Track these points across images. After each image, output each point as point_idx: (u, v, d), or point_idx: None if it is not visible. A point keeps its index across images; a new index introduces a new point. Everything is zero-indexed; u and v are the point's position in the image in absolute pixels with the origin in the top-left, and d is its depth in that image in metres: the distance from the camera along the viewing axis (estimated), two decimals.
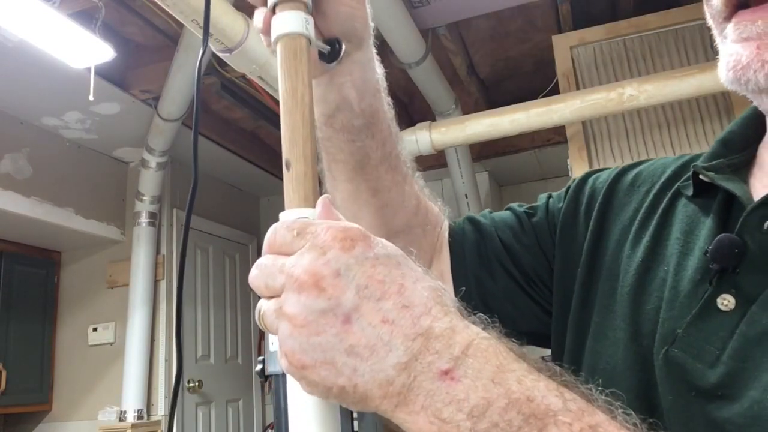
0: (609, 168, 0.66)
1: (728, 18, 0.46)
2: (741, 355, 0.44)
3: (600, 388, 0.37)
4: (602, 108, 2.44)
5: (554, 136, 3.77)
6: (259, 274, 0.41)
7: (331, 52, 0.55)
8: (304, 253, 0.38)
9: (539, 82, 3.21)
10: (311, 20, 0.50)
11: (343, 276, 0.37)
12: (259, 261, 0.41)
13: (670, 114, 2.59)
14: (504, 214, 0.70)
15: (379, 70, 0.63)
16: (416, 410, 0.35)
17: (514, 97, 2.88)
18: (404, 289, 0.37)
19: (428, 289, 0.38)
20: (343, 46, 0.55)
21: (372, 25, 0.59)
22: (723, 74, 0.46)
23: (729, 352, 0.44)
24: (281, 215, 0.45)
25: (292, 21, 0.49)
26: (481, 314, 0.41)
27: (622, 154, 2.60)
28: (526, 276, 0.65)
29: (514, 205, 0.71)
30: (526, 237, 0.66)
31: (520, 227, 0.67)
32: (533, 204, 0.70)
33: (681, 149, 2.53)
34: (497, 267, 0.66)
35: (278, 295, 0.39)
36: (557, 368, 0.38)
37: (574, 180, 0.68)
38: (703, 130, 2.53)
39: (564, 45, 2.75)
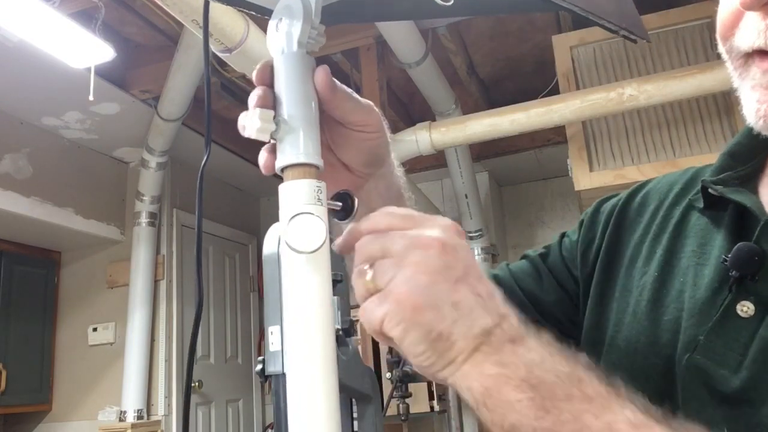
0: (619, 193, 0.68)
1: (749, 58, 0.46)
2: (762, 360, 0.45)
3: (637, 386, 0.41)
4: (602, 108, 2.44)
5: (554, 136, 3.77)
6: (373, 239, 0.45)
7: (343, 207, 0.53)
8: (429, 228, 0.44)
9: (539, 82, 3.21)
10: (323, 186, 0.47)
11: (459, 251, 0.44)
12: (369, 232, 0.46)
13: (670, 114, 2.59)
14: (520, 263, 0.72)
15: (399, 171, 0.64)
16: (484, 359, 0.42)
17: (514, 97, 2.88)
18: (489, 286, 0.45)
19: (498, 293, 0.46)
20: (356, 201, 0.54)
21: (390, 138, 0.60)
22: (752, 120, 0.47)
23: (751, 357, 0.45)
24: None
25: (303, 196, 0.46)
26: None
27: (622, 154, 2.60)
28: (554, 319, 0.66)
29: (529, 251, 0.73)
30: (545, 280, 0.68)
31: (537, 273, 0.69)
32: (548, 244, 0.72)
33: (681, 149, 2.53)
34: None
35: (392, 256, 0.43)
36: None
37: (586, 212, 0.69)
38: (703, 130, 2.53)
39: (564, 45, 2.75)
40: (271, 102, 0.49)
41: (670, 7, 2.64)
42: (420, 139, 2.83)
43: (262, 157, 0.52)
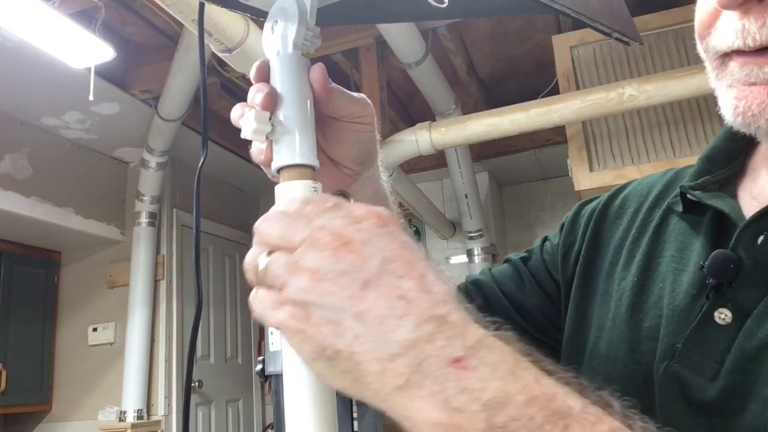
0: (599, 196, 0.67)
1: (726, 57, 0.46)
2: (739, 369, 0.44)
3: (617, 394, 0.37)
4: (602, 108, 2.44)
5: (554, 136, 3.77)
6: (274, 223, 0.39)
7: None
8: (337, 218, 0.38)
9: (539, 82, 3.21)
10: (319, 186, 0.48)
11: (372, 245, 0.36)
12: (274, 212, 0.40)
13: (670, 114, 2.59)
14: (502, 268, 0.71)
15: (384, 176, 0.64)
16: (422, 395, 0.33)
17: (514, 97, 2.88)
18: (426, 278, 0.36)
19: (446, 285, 0.37)
20: (352, 201, 0.52)
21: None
22: (730, 117, 0.45)
23: (728, 367, 0.45)
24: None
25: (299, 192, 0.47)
26: (494, 318, 0.40)
27: (622, 154, 2.60)
28: (537, 323, 0.65)
29: (511, 255, 0.72)
30: (527, 283, 0.67)
31: (518, 276, 0.68)
32: (529, 248, 0.71)
33: (681, 149, 2.53)
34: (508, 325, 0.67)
35: (290, 249, 0.38)
36: (570, 374, 0.37)
37: (567, 215, 0.68)
38: (703, 130, 2.53)
39: (564, 45, 2.75)
40: (274, 98, 0.49)
41: (670, 7, 2.64)
42: (420, 139, 2.83)
43: (260, 149, 0.52)
